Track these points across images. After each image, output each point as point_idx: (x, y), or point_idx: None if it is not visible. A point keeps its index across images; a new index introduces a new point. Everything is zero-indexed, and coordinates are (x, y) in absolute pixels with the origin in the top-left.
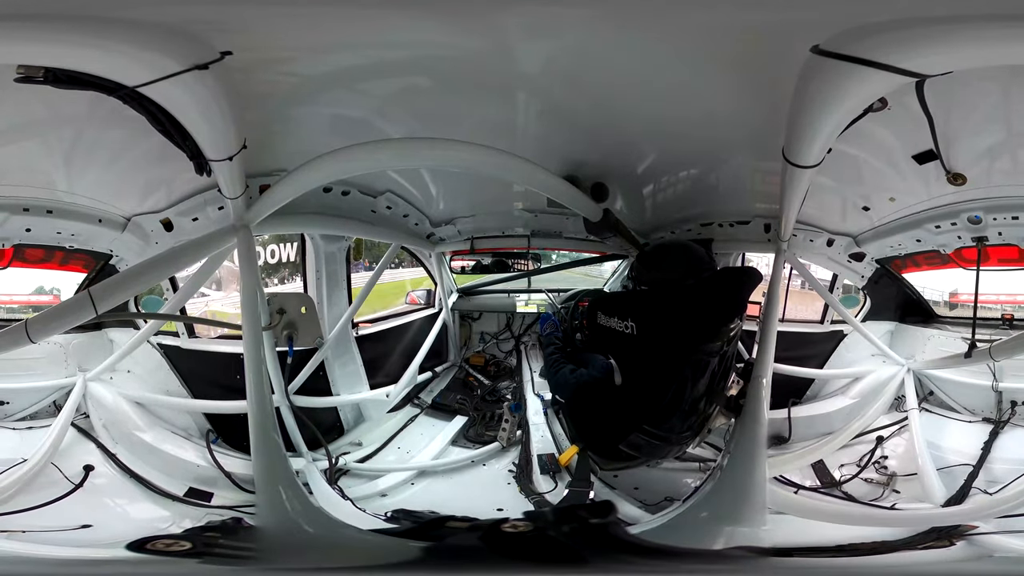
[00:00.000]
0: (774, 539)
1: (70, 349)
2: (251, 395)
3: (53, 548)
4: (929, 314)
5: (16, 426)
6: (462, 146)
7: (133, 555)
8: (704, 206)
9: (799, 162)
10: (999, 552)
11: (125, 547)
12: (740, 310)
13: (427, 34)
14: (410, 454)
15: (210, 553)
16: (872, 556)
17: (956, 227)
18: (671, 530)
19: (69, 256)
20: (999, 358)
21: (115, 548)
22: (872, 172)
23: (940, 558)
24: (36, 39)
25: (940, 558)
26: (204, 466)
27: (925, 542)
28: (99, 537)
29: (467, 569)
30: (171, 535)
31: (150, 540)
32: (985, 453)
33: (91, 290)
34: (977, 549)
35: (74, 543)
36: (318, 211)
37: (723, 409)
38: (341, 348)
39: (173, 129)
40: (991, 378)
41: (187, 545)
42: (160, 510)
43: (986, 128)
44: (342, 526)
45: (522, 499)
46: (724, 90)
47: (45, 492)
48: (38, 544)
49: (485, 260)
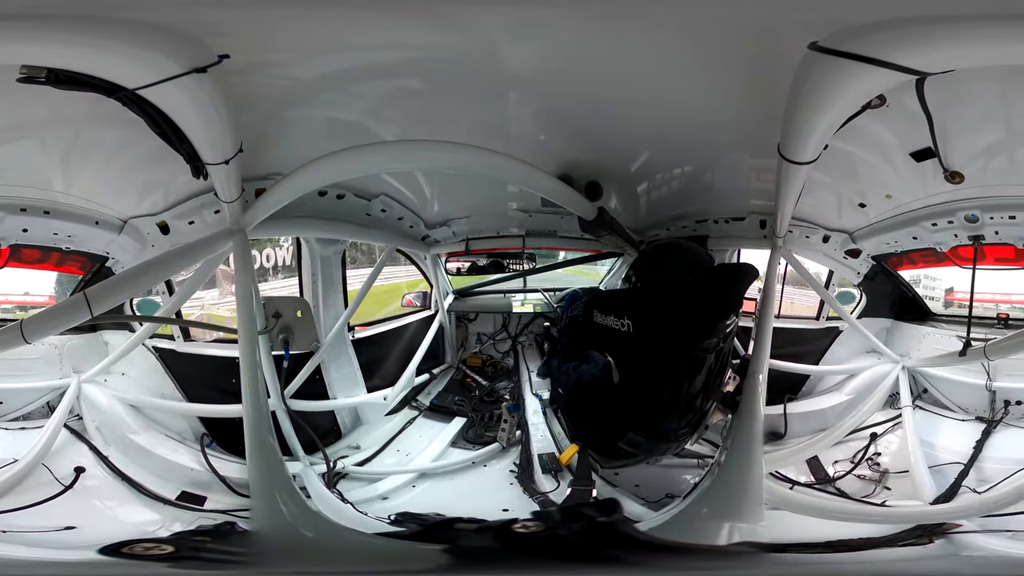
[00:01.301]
0: (773, 535)
1: (65, 350)
2: (247, 399)
3: (26, 549)
4: (924, 312)
5: (9, 426)
6: (456, 147)
7: (104, 559)
8: (699, 203)
9: (795, 158)
10: (973, 551)
11: (97, 551)
12: (736, 307)
13: (420, 36)
14: (409, 456)
15: (197, 557)
16: (858, 552)
17: (953, 225)
18: (674, 527)
19: (65, 257)
20: (993, 357)
21: (88, 551)
22: (869, 169)
23: (915, 555)
24: (40, 39)
25: (915, 555)
26: (198, 470)
27: (908, 539)
28: (81, 539)
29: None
30: (152, 539)
31: (127, 544)
32: (976, 452)
33: (87, 292)
34: (951, 547)
35: (53, 545)
36: (313, 215)
37: (720, 405)
38: (337, 351)
39: (171, 132)
40: (985, 377)
41: (168, 549)
42: (151, 513)
43: (984, 127)
44: (343, 530)
45: (526, 499)
46: (719, 87)
47: (35, 493)
48: (17, 545)
49: (480, 261)
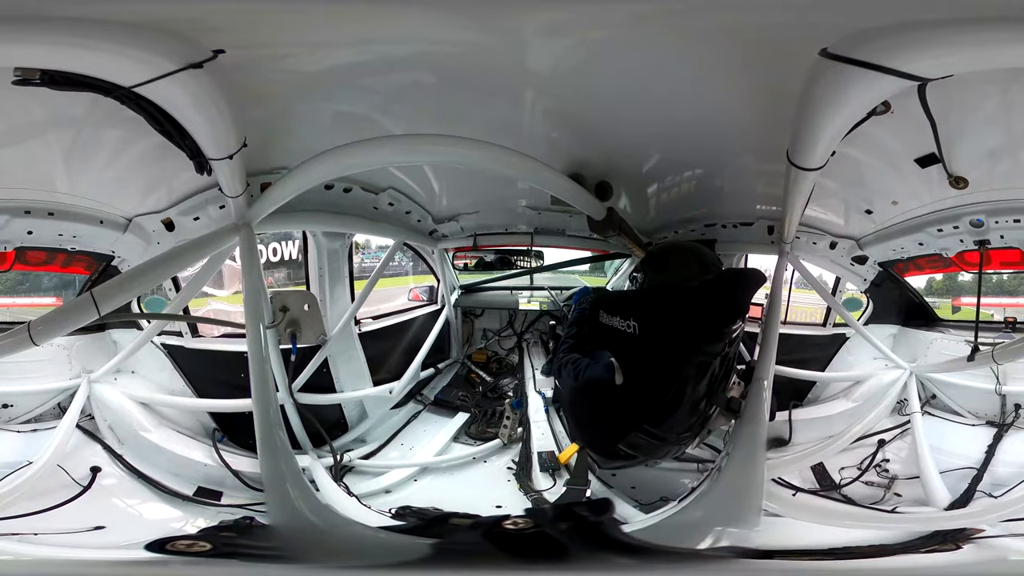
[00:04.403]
0: (764, 541)
1: (73, 351)
2: (256, 393)
3: (70, 550)
4: (932, 317)
5: (21, 429)
6: (466, 143)
7: (153, 556)
8: (708, 207)
9: (803, 164)
10: (1007, 555)
11: (144, 548)
12: (742, 311)
13: (432, 30)
14: (413, 450)
15: (231, 554)
16: (869, 559)
17: (958, 230)
18: (661, 529)
19: (71, 258)
20: (1002, 361)
21: (134, 549)
22: (875, 175)
23: (949, 561)
24: (28, 40)
25: (949, 561)
26: (211, 465)
27: (928, 546)
28: (114, 539)
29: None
30: (189, 535)
31: (169, 540)
32: (989, 456)
33: (94, 291)
34: (988, 552)
35: (89, 545)
36: (320, 208)
37: (723, 410)
38: (344, 345)
39: (172, 128)
40: (995, 381)
41: (207, 546)
42: (172, 510)
43: (987, 131)
44: (350, 523)
45: (521, 496)
46: (730, 92)
47: (53, 495)
48: (52, 547)
49: (488, 257)
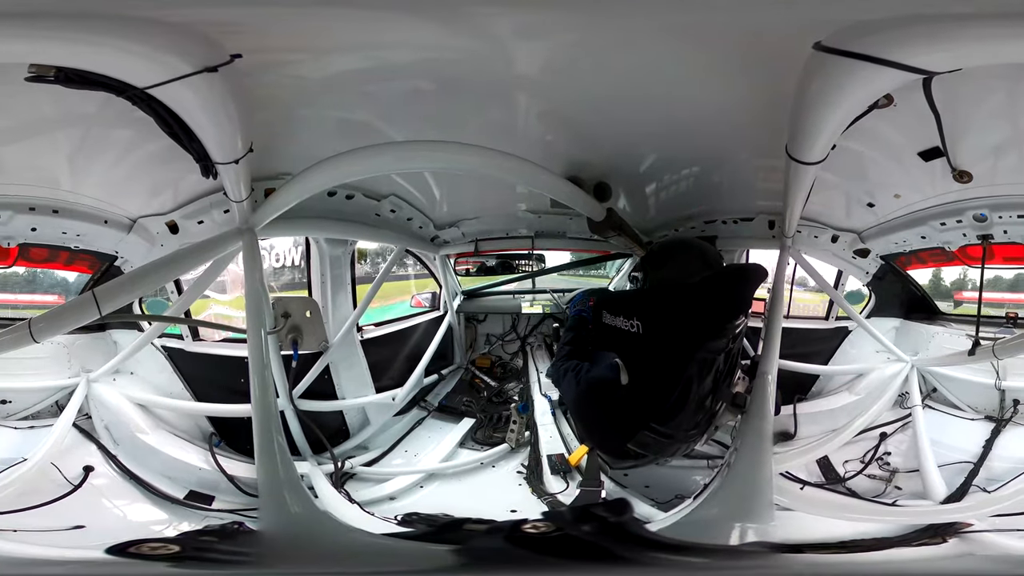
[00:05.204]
0: (782, 535)
1: (73, 350)
2: (255, 399)
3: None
4: (934, 311)
5: (18, 425)
6: (465, 148)
7: (110, 558)
8: (708, 204)
9: (803, 159)
10: (988, 550)
11: (104, 551)
12: (745, 307)
13: (430, 37)
14: (417, 457)
15: (203, 558)
16: (870, 553)
17: (961, 224)
18: (684, 527)
19: (74, 256)
20: (1003, 356)
21: (95, 551)
22: (877, 169)
23: (930, 555)
24: (50, 37)
25: (930, 555)
26: (207, 469)
27: (921, 539)
28: (89, 539)
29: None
30: (158, 538)
31: (133, 543)
32: (986, 451)
33: (96, 291)
34: (966, 546)
35: (61, 544)
36: (322, 215)
37: (729, 406)
38: (346, 351)
39: (180, 131)
40: (994, 376)
41: (175, 548)
42: (159, 512)
43: (992, 125)
44: (350, 530)
45: (535, 500)
46: (727, 87)
47: (44, 493)
48: (26, 544)
49: (489, 262)
